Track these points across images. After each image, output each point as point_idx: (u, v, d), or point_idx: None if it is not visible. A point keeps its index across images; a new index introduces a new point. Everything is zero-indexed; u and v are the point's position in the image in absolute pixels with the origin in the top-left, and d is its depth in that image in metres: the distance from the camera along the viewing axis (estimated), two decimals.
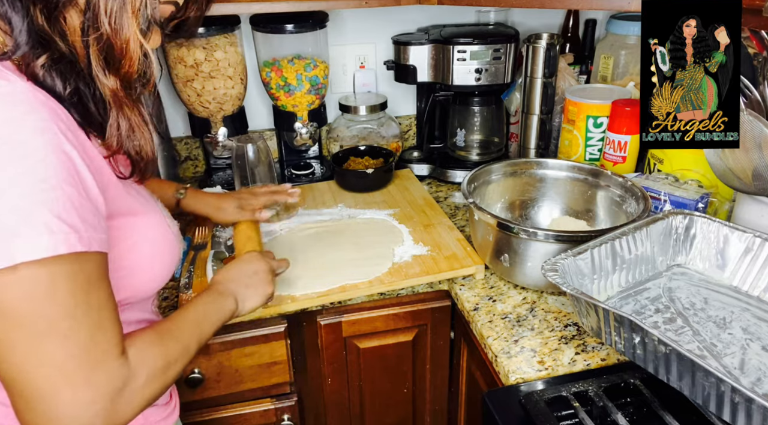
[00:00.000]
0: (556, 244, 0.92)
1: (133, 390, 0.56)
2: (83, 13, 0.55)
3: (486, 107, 1.45)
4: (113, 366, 0.54)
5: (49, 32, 0.55)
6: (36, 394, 0.50)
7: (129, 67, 0.57)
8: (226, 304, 0.77)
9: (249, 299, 0.81)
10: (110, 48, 0.56)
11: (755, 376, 0.74)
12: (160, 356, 0.60)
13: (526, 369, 0.84)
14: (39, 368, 0.49)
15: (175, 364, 0.62)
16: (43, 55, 0.54)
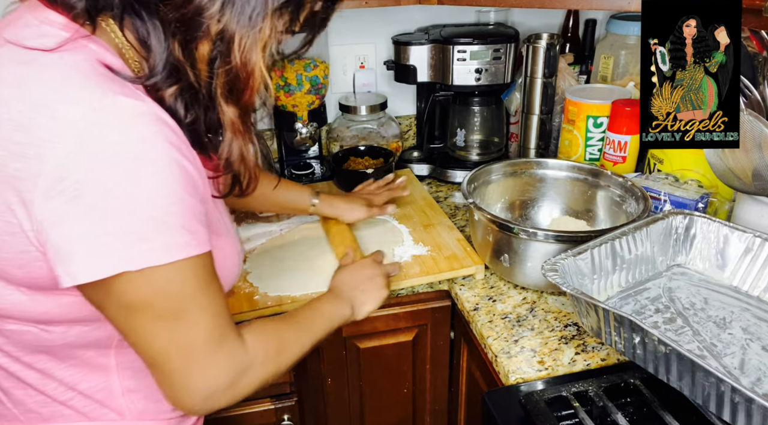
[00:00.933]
0: (556, 244, 0.92)
1: (251, 368, 0.63)
2: (213, 44, 0.56)
3: (486, 106, 1.45)
4: (233, 346, 0.62)
5: (183, 62, 0.57)
6: (172, 370, 0.58)
7: (250, 97, 0.60)
8: (343, 309, 0.83)
9: (365, 304, 0.87)
10: (236, 79, 0.58)
11: (755, 376, 0.74)
12: (273, 341, 0.68)
13: (526, 369, 0.84)
14: (175, 350, 0.58)
15: (287, 352, 0.70)
16: (175, 85, 0.57)
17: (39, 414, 0.65)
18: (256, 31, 0.57)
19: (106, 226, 0.51)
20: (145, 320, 0.56)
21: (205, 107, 0.60)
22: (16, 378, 0.64)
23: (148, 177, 0.52)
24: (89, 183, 0.50)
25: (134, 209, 0.51)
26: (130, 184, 0.51)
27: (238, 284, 1.02)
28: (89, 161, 0.50)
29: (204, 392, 0.60)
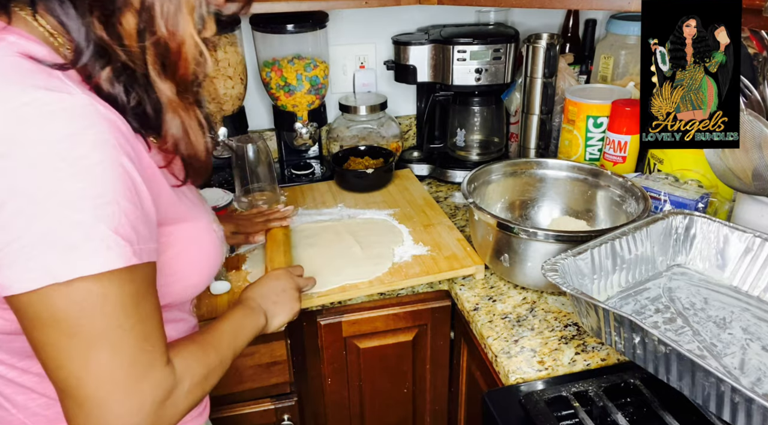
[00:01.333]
0: (556, 244, 0.92)
1: (178, 397, 0.57)
2: (138, 15, 0.52)
3: (486, 107, 1.45)
4: (160, 375, 0.55)
5: (108, 40, 0.52)
6: (86, 400, 0.51)
7: (185, 69, 0.56)
8: (258, 319, 0.79)
9: (278, 315, 0.83)
10: (166, 50, 0.54)
11: (755, 376, 0.74)
12: (201, 365, 0.62)
13: (526, 369, 0.84)
14: (90, 375, 0.51)
15: (214, 373, 0.65)
16: (106, 66, 0.53)
17: (44, 416, 0.65)
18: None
19: (32, 234, 0.47)
20: (58, 337, 0.50)
21: (145, 87, 0.55)
22: (15, 384, 0.63)
23: (75, 177, 0.47)
24: (11, 188, 0.46)
25: (60, 214, 0.47)
26: (54, 186, 0.47)
27: (237, 284, 1.02)
28: (10, 165, 0.46)
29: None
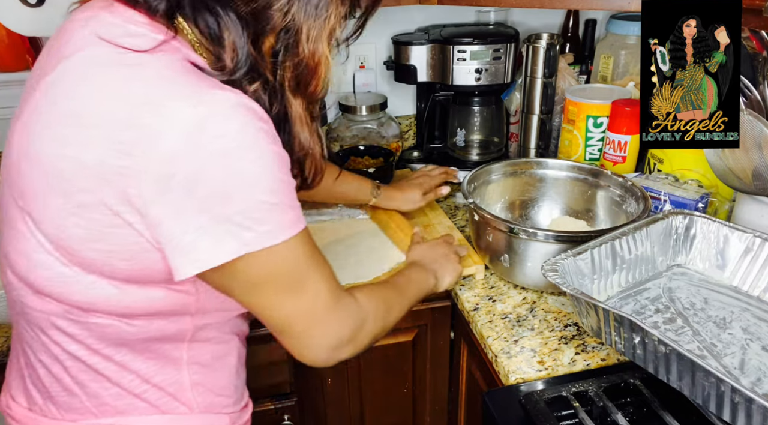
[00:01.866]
0: (555, 244, 0.92)
1: (366, 323, 0.70)
2: (277, 36, 0.58)
3: (486, 107, 1.45)
4: (349, 303, 0.67)
5: (257, 57, 0.58)
6: (300, 333, 0.63)
7: (316, 87, 0.61)
8: (429, 278, 0.90)
9: (445, 276, 0.94)
10: (305, 70, 0.60)
11: (755, 376, 0.74)
12: (381, 300, 0.74)
13: (526, 369, 0.84)
14: (299, 316, 0.63)
15: (392, 311, 0.76)
16: (256, 80, 0.58)
17: (113, 406, 0.67)
18: (321, 20, 0.58)
19: (223, 214, 0.53)
20: (269, 294, 0.60)
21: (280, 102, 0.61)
22: (94, 371, 0.65)
23: (253, 163, 0.53)
24: (202, 176, 0.51)
25: (246, 196, 0.54)
26: (238, 172, 0.53)
27: None
28: (198, 155, 0.51)
29: (329, 347, 0.66)
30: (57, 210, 0.55)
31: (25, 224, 0.58)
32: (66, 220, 0.55)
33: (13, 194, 0.59)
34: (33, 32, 1.09)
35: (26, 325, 0.65)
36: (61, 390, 0.66)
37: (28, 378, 0.68)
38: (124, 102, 0.52)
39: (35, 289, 0.60)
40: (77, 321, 0.62)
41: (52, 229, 0.56)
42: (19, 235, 0.59)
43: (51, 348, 0.64)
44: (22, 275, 0.60)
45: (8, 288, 0.64)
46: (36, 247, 0.58)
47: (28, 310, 0.63)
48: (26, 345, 0.66)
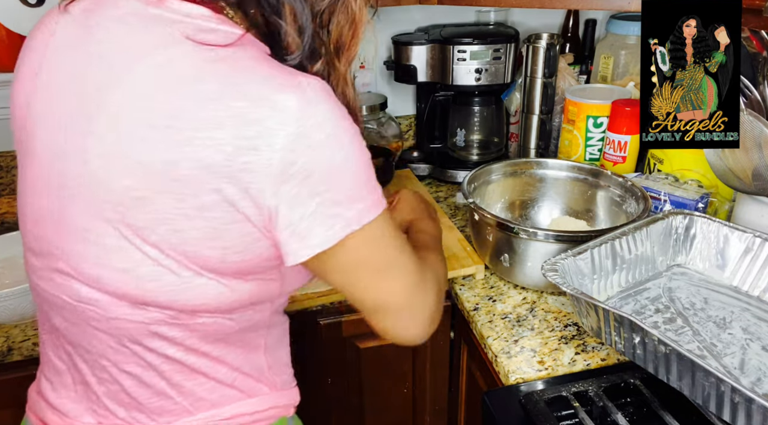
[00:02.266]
0: (556, 244, 0.92)
1: (442, 290, 0.72)
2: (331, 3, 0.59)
3: (486, 107, 1.45)
4: (428, 273, 0.68)
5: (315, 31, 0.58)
6: (401, 309, 0.65)
7: (355, 47, 0.62)
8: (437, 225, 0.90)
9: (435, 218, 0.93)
10: (349, 31, 0.61)
11: (755, 376, 0.74)
12: (438, 263, 0.76)
13: (526, 369, 0.84)
14: (394, 293, 0.64)
15: (443, 269, 0.78)
16: (318, 60, 0.59)
17: (208, 400, 0.67)
18: None
19: (331, 197, 0.55)
20: (367, 272, 0.62)
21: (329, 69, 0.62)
22: (190, 370, 0.65)
23: (350, 145, 0.56)
24: (314, 162, 0.53)
25: (349, 177, 0.56)
26: (339, 156, 0.55)
27: None
28: (309, 142, 0.53)
29: (426, 319, 0.68)
30: (170, 216, 0.54)
31: (122, 238, 0.55)
32: (181, 223, 0.54)
33: (98, 208, 0.55)
34: None
35: (109, 339, 0.62)
36: (152, 395, 0.65)
37: (105, 396, 0.65)
38: (239, 99, 0.52)
39: (137, 301, 0.58)
40: (181, 324, 0.61)
41: (164, 235, 0.54)
42: (114, 250, 0.56)
43: (144, 356, 0.62)
44: (119, 290, 0.58)
45: (79, 309, 0.61)
46: (142, 260, 0.56)
47: (119, 324, 0.60)
48: (104, 360, 0.63)
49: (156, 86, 0.53)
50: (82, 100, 0.56)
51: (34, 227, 0.61)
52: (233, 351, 0.67)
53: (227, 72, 0.53)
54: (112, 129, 0.54)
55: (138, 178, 0.53)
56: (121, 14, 0.57)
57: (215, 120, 0.51)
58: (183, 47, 0.53)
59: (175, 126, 0.52)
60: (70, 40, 0.59)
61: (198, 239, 0.55)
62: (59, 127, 0.57)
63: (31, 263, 0.64)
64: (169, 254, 0.56)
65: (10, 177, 1.41)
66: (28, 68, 0.63)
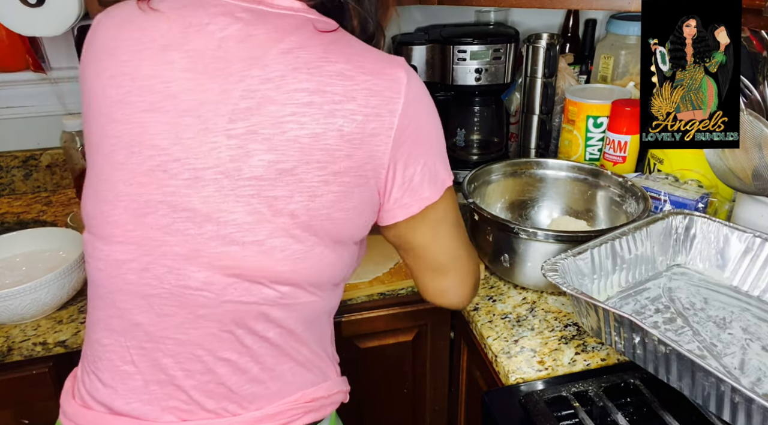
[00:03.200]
0: (556, 244, 0.92)
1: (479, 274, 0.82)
2: None
3: (486, 107, 1.45)
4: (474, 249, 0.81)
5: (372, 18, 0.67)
6: (467, 272, 0.77)
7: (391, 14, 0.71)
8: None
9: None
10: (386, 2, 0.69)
11: (755, 376, 0.74)
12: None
13: (526, 369, 0.84)
14: (465, 251, 0.76)
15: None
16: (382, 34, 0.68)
17: (294, 384, 0.70)
18: None
19: (432, 158, 0.65)
20: (448, 227, 0.71)
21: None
22: (283, 353, 0.67)
23: (436, 115, 0.66)
24: (420, 127, 0.62)
25: (439, 141, 0.66)
26: (434, 122, 0.65)
27: None
28: (415, 109, 0.61)
29: (476, 285, 0.80)
30: (313, 183, 0.59)
31: (255, 212, 0.58)
32: (321, 189, 0.59)
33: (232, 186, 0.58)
34: (33, 32, 1.09)
35: (213, 326, 0.63)
36: (246, 381, 0.66)
37: (193, 389, 0.65)
38: (364, 74, 0.58)
39: (256, 278, 0.61)
40: (287, 305, 0.64)
41: (303, 202, 0.59)
42: (245, 226, 0.59)
43: (244, 340, 0.64)
44: (241, 266, 0.60)
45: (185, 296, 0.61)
46: (272, 230, 0.59)
47: (230, 307, 0.62)
48: (200, 349, 0.64)
49: (289, 69, 0.57)
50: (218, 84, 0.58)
51: (133, 217, 0.60)
52: (314, 335, 0.71)
53: (347, 52, 0.59)
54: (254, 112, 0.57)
55: (284, 152, 0.57)
56: (225, 11, 0.60)
57: (347, 94, 0.58)
58: (304, 33, 0.59)
59: (316, 102, 0.57)
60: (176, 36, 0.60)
61: (332, 202, 0.60)
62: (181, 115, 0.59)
63: (114, 257, 0.62)
64: (299, 223, 0.60)
65: (9, 177, 1.41)
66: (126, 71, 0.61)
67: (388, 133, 0.59)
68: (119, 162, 0.60)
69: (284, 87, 0.57)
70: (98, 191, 0.62)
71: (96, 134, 0.62)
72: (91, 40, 0.64)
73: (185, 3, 0.61)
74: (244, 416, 0.67)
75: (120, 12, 0.63)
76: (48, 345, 0.91)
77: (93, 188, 0.63)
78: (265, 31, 0.59)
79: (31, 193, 1.44)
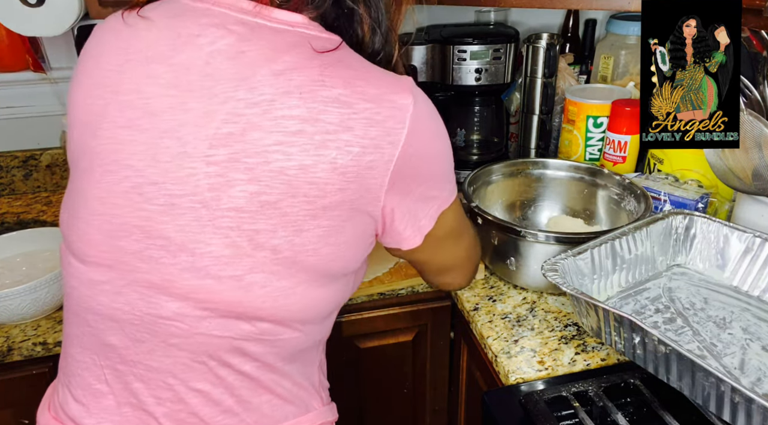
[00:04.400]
0: (560, 246, 0.92)
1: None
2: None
3: (486, 107, 1.45)
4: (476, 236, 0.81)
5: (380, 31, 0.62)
6: (470, 267, 0.82)
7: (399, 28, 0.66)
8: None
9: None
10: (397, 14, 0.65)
11: (755, 376, 0.74)
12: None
13: (526, 369, 0.84)
14: (467, 254, 0.79)
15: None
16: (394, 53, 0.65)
17: (271, 418, 0.66)
18: None
19: (434, 183, 0.63)
20: (451, 242, 0.72)
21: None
22: (261, 387, 0.64)
23: (445, 134, 0.63)
24: (424, 154, 0.59)
25: (446, 161, 0.64)
26: (442, 144, 0.62)
27: None
28: (421, 137, 0.57)
29: (478, 265, 0.86)
30: (299, 217, 0.54)
31: (234, 245, 0.54)
32: (308, 223, 0.55)
33: (210, 217, 0.54)
34: (33, 32, 1.09)
35: (184, 356, 0.60)
36: (219, 413, 0.63)
37: (164, 417, 0.62)
38: (365, 101, 0.53)
39: (234, 313, 0.57)
40: (265, 340, 0.60)
41: (287, 237, 0.54)
42: (223, 259, 0.55)
43: (218, 372, 0.61)
44: (216, 300, 0.56)
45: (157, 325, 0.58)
46: (252, 266, 0.55)
47: (202, 339, 0.58)
48: (171, 378, 0.61)
49: (279, 92, 0.52)
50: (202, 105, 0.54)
51: (107, 238, 0.57)
52: (297, 367, 0.67)
53: (346, 75, 0.54)
54: (237, 139, 0.52)
55: (268, 183, 0.53)
56: (218, 22, 0.55)
57: (343, 123, 0.52)
58: (300, 53, 0.54)
59: (306, 131, 0.52)
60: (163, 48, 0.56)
61: (320, 236, 0.56)
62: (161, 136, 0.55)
63: (88, 277, 0.60)
64: (281, 258, 0.55)
65: (9, 177, 1.41)
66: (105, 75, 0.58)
67: (387, 166, 0.55)
68: (95, 179, 0.57)
69: (272, 112, 0.52)
70: (75, 204, 0.59)
71: (76, 144, 0.59)
72: (85, 47, 0.62)
73: (177, 12, 0.57)
74: None
75: (112, 19, 0.61)
76: (48, 345, 0.91)
77: (71, 200, 0.60)
78: (258, 47, 0.54)
79: (31, 193, 1.44)
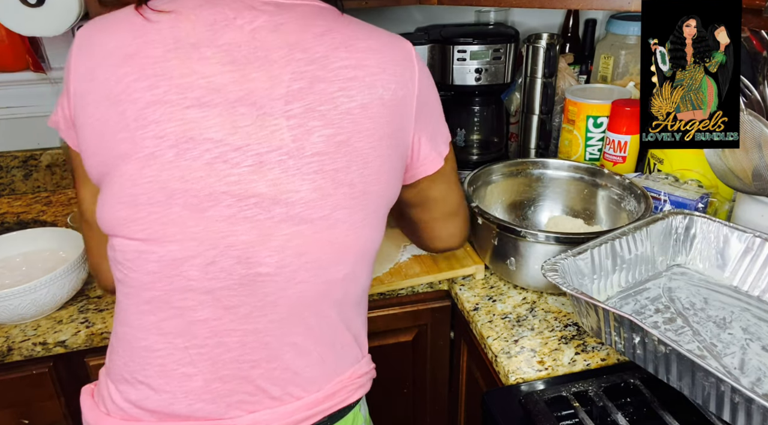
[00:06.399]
0: (560, 247, 0.92)
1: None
2: None
3: (486, 106, 1.45)
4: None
5: None
6: (465, 214, 0.88)
7: None
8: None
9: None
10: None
11: (755, 376, 0.74)
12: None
13: (526, 369, 0.84)
14: (461, 199, 0.86)
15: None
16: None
17: (345, 361, 0.73)
18: None
19: (441, 117, 0.75)
20: (455, 178, 0.82)
21: None
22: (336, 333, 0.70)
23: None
24: (430, 89, 0.71)
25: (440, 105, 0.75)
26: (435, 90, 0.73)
27: None
28: (425, 74, 0.70)
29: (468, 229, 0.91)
30: (365, 150, 0.63)
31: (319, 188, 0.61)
32: (370, 155, 0.64)
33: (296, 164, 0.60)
34: (33, 32, 1.09)
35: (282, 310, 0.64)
36: (308, 364, 0.68)
37: (260, 378, 0.66)
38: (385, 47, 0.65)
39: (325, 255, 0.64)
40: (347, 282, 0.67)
41: (357, 170, 0.63)
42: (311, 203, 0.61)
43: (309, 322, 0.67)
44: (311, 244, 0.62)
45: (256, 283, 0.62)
46: (335, 204, 0.62)
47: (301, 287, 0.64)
48: (268, 336, 0.65)
49: (330, 49, 0.62)
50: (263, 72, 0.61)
51: (194, 212, 0.59)
52: (358, 314, 0.74)
53: (366, 30, 0.66)
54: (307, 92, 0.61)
55: (340, 125, 0.61)
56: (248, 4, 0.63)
57: (380, 66, 0.64)
58: (326, 18, 0.64)
59: (359, 76, 0.62)
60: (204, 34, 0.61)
61: (379, 166, 0.65)
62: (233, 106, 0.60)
63: (171, 257, 0.61)
64: (355, 192, 0.63)
65: (9, 177, 1.41)
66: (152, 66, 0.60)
67: (412, 100, 0.67)
68: (168, 161, 0.58)
69: (329, 66, 0.61)
70: (136, 195, 0.59)
71: (123, 142, 0.59)
72: (88, 53, 0.61)
73: (200, 2, 0.62)
74: (306, 399, 0.69)
75: (118, 20, 0.61)
76: (48, 345, 0.91)
77: (126, 194, 0.60)
78: (291, 19, 0.62)
79: (31, 193, 1.44)
